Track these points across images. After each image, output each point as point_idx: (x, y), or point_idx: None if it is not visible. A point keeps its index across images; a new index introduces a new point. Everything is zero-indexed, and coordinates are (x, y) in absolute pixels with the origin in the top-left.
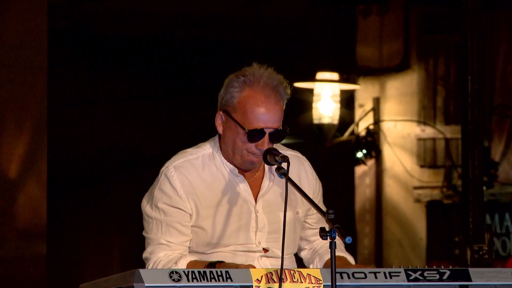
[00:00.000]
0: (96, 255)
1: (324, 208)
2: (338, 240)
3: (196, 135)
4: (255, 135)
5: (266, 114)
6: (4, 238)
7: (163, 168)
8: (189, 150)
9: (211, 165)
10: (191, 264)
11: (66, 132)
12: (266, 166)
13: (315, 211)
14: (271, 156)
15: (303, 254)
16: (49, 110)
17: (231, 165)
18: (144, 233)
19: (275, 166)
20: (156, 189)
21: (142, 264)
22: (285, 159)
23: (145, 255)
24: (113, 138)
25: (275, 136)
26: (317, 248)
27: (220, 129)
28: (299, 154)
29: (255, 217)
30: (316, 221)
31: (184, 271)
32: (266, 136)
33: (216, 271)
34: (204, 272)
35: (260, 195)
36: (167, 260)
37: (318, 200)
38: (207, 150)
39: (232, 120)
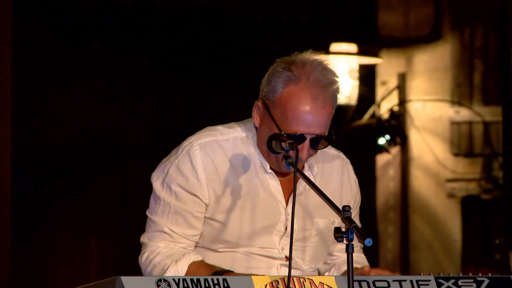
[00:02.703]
0: (71, 259)
1: (359, 225)
2: (355, 251)
3: (191, 119)
4: (293, 140)
5: (309, 117)
6: None
7: (185, 143)
8: (219, 127)
9: (243, 151)
10: (193, 266)
11: (35, 116)
12: (306, 165)
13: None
14: (276, 143)
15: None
16: (15, 90)
17: (263, 158)
18: (147, 212)
19: (283, 155)
20: (172, 165)
21: (125, 270)
22: (293, 146)
23: (143, 239)
24: (90, 122)
25: (317, 143)
26: (338, 263)
27: (256, 121)
28: (342, 155)
29: (285, 221)
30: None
31: (174, 279)
32: (307, 142)
33: (212, 279)
34: (198, 280)
35: (292, 196)
36: (167, 254)
37: (355, 214)
38: (240, 133)
39: (269, 116)
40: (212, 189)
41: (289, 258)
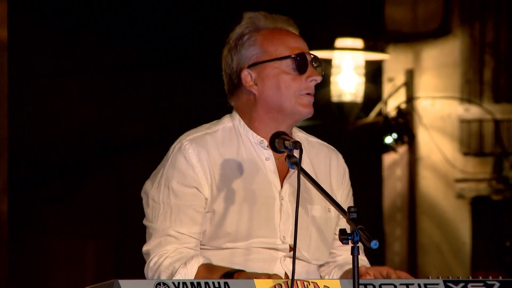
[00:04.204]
0: (65, 263)
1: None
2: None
3: (188, 118)
4: (301, 59)
5: (296, 39)
6: None
7: (175, 143)
8: (204, 125)
9: (233, 140)
10: (203, 268)
11: (29, 112)
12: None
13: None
14: (279, 141)
15: (320, 270)
16: (10, 86)
17: (258, 136)
18: (146, 222)
19: (285, 153)
20: (166, 167)
21: (121, 273)
22: (297, 145)
23: (146, 248)
24: (85, 122)
25: (317, 64)
26: (341, 264)
27: (254, 88)
28: (328, 145)
29: (280, 205)
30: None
31: (173, 282)
32: (309, 64)
33: (213, 282)
34: (198, 283)
35: (287, 178)
36: (176, 257)
37: (348, 202)
38: (226, 124)
39: (267, 63)
40: (210, 180)
41: (292, 262)
